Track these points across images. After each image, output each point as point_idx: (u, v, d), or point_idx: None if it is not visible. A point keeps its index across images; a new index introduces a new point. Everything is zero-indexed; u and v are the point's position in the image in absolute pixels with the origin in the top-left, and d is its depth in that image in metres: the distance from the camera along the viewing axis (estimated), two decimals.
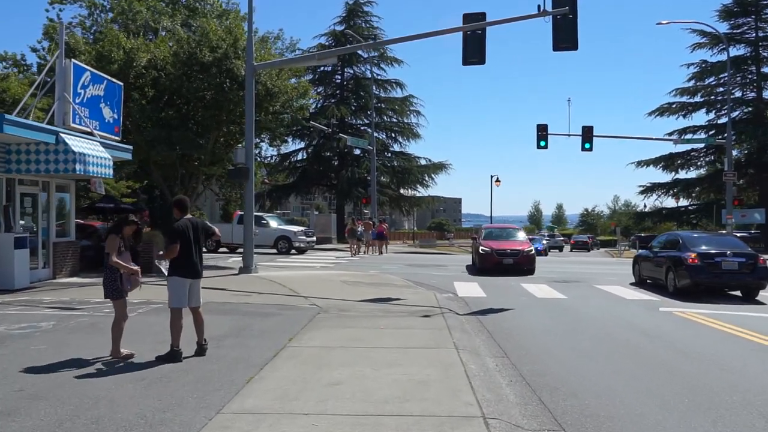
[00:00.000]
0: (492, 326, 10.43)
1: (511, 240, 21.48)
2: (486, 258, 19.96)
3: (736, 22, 45.14)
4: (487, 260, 19.88)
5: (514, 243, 20.96)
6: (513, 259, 19.79)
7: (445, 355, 7.69)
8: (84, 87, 16.57)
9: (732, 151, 34.04)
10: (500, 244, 20.57)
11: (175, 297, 7.24)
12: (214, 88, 19.62)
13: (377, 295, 13.76)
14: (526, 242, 21.61)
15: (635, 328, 10.42)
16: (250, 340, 8.43)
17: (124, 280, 7.25)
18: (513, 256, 19.87)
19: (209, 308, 11.12)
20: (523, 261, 19.93)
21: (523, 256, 19.99)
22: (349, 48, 30.88)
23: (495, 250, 19.95)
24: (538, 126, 33.27)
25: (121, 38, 20.06)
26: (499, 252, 19.92)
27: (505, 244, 20.66)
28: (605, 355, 8.27)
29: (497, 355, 8.18)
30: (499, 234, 22.17)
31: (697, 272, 15.02)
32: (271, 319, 10.27)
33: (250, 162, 18.20)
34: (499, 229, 23.32)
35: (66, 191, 16.58)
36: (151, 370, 6.75)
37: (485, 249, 20.12)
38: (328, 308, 11.62)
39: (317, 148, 50.61)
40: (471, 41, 16.22)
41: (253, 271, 17.87)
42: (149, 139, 19.65)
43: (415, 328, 9.63)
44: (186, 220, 7.33)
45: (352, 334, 8.98)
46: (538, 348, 8.72)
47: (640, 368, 7.48)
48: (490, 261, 19.81)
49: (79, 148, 14.17)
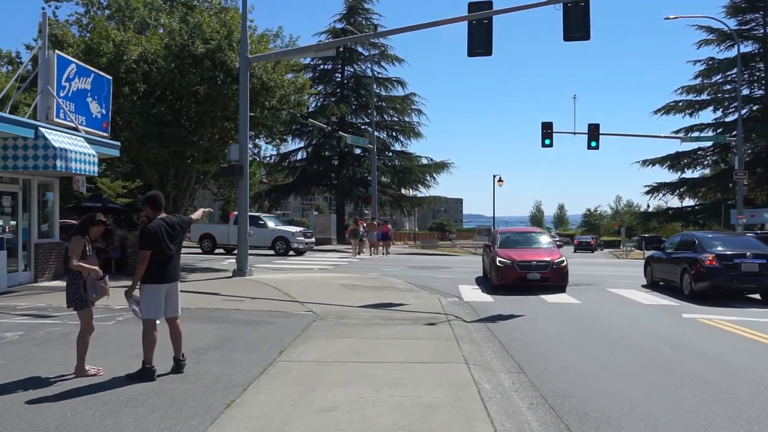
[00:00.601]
0: (503, 335, 9.54)
1: (535, 248, 17.11)
2: (505, 272, 15.57)
3: (743, 18, 44.18)
4: (507, 275, 15.53)
5: (540, 252, 16.53)
6: (540, 274, 15.39)
7: (454, 371, 6.81)
8: (69, 80, 15.70)
9: (742, 150, 33.10)
10: (522, 253, 16.16)
11: (148, 306, 6.35)
12: (208, 82, 18.74)
13: (378, 299, 12.88)
14: (554, 250, 16.91)
15: (661, 337, 9.52)
16: (236, 354, 7.54)
17: (89, 287, 6.37)
18: (540, 269, 15.47)
19: (195, 315, 10.29)
20: (554, 276, 15.50)
21: (553, 270, 15.50)
22: (349, 39, 30.04)
23: (517, 263, 15.47)
24: (543, 124, 32.41)
25: (110, 30, 19.18)
26: (523, 264, 15.49)
27: (528, 253, 16.24)
28: (635, 371, 7.37)
29: (512, 371, 7.29)
30: (519, 240, 17.86)
31: (715, 274, 14.30)
32: (261, 328, 9.39)
33: (245, 159, 17.34)
34: (518, 234, 18.84)
35: (50, 189, 15.71)
36: (117, 391, 5.87)
37: (504, 261, 15.65)
38: (325, 315, 10.75)
39: (317, 148, 49.77)
40: (477, 31, 15.35)
41: (247, 273, 17.01)
42: (139, 135, 18.77)
43: (419, 339, 8.75)
44: (159, 221, 6.44)
45: (350, 346, 8.10)
46: (557, 362, 7.83)
47: (680, 389, 6.58)
48: (511, 276, 15.47)
49: (61, 144, 13.29)
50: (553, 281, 15.55)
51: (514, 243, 17.44)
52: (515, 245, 17.17)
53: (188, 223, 6.76)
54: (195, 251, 29.58)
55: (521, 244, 17.48)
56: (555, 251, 16.73)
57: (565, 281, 15.80)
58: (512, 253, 16.12)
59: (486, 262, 18.12)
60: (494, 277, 16.03)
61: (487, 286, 16.39)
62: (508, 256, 15.87)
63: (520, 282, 15.44)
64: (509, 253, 16.05)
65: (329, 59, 50.91)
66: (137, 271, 6.30)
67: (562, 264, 15.80)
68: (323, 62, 51.11)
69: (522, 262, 15.54)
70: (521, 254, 16.06)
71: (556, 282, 15.58)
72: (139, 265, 6.28)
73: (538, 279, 15.42)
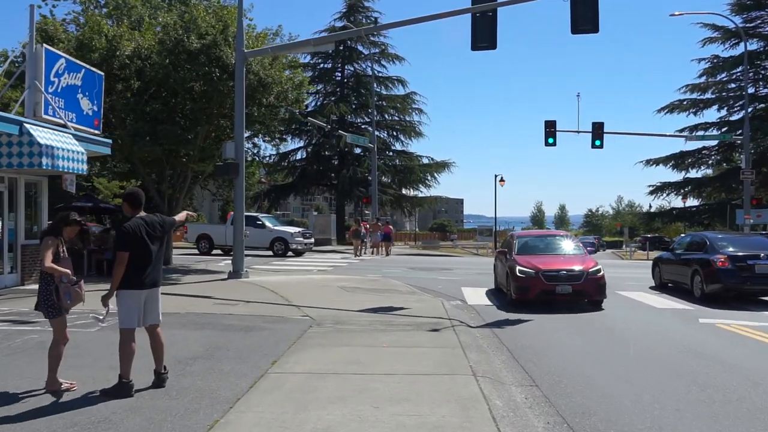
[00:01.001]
0: (511, 343, 8.97)
1: (562, 254, 14.21)
2: (528, 285, 12.61)
3: (749, 16, 43.56)
4: (530, 288, 12.60)
5: (569, 259, 13.55)
6: (572, 286, 12.41)
7: (461, 384, 6.23)
8: (58, 75, 15.13)
9: (749, 148, 32.51)
10: (548, 261, 13.27)
11: (125, 315, 5.77)
12: (203, 79, 18.16)
13: (378, 303, 12.31)
14: (585, 257, 13.78)
15: (681, 345, 8.93)
16: (225, 364, 6.97)
17: (62, 293, 5.81)
18: (572, 280, 12.48)
19: (185, 321, 9.73)
20: (589, 288, 12.58)
21: (588, 281, 12.52)
22: (348, 33, 29.53)
23: (543, 273, 12.56)
24: (546, 123, 31.89)
25: (102, 25, 18.60)
26: (550, 275, 12.55)
27: (555, 261, 13.35)
28: (659, 384, 6.77)
29: (524, 384, 6.72)
30: (542, 245, 14.87)
31: (728, 276, 13.83)
32: (254, 335, 8.81)
33: (240, 157, 16.77)
34: (539, 238, 15.63)
35: (37, 188, 15.14)
36: (89, 410, 5.30)
37: (526, 270, 12.75)
38: (322, 320, 10.17)
39: (317, 147, 49.22)
40: (481, 24, 14.79)
41: (243, 275, 16.44)
42: (132, 133, 18.20)
43: (423, 347, 8.17)
44: (138, 219, 5.87)
45: (349, 355, 7.52)
46: (572, 373, 7.25)
47: (711, 405, 5.99)
48: (535, 289, 12.56)
49: (47, 141, 12.72)
50: (589, 295, 12.70)
51: (535, 248, 14.45)
52: (537, 251, 14.23)
53: (171, 225, 6.18)
54: (192, 252, 29.02)
55: (544, 249, 14.54)
56: (587, 258, 13.66)
57: (602, 295, 12.77)
58: (535, 260, 13.15)
59: (500, 272, 14.95)
60: (513, 290, 12.86)
61: (503, 301, 13.53)
62: (530, 264, 12.88)
63: (546, 297, 12.59)
64: (531, 261, 13.06)
65: (329, 58, 50.41)
66: (114, 274, 5.73)
67: (599, 273, 12.72)
68: (323, 61, 50.59)
69: (549, 273, 12.57)
70: (547, 262, 13.10)
71: (593, 296, 12.71)
72: (116, 268, 5.71)
73: (569, 293, 12.43)
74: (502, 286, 14.62)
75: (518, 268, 12.92)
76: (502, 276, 14.62)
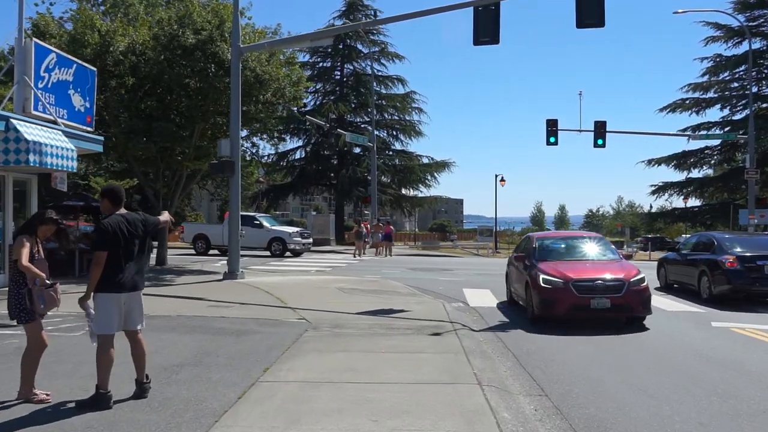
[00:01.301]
0: (517, 348, 8.54)
1: (594, 259, 11.70)
2: (555, 298, 10.26)
3: (752, 15, 43.18)
4: (558, 302, 10.23)
5: (604, 266, 11.14)
6: (611, 299, 10.04)
7: (466, 395, 5.81)
8: (48, 70, 14.70)
9: (753, 148, 32.09)
10: (578, 268, 10.89)
11: (102, 319, 5.34)
12: (198, 75, 17.74)
13: (377, 305, 11.88)
14: (624, 264, 11.53)
15: (697, 351, 8.50)
16: (214, 372, 6.54)
17: (35, 296, 5.38)
18: (610, 292, 10.13)
19: (175, 324, 9.31)
20: (632, 302, 10.23)
21: (631, 293, 10.20)
22: (347, 27, 29.19)
23: (574, 283, 10.20)
24: (548, 121, 31.49)
25: (95, 20, 18.17)
26: (584, 285, 10.19)
27: (587, 268, 10.95)
28: (678, 394, 6.34)
29: (533, 393, 6.29)
30: (568, 248, 12.32)
31: (737, 277, 13.52)
32: (246, 339, 8.38)
33: (236, 154, 16.35)
34: (563, 240, 13.04)
35: (26, 186, 14.72)
36: (62, 424, 4.87)
37: (552, 280, 10.40)
38: (319, 323, 9.74)
39: (316, 147, 48.82)
40: (483, 18, 14.40)
41: (239, 276, 16.03)
42: (126, 130, 17.77)
43: (424, 352, 7.74)
44: (118, 217, 5.44)
45: (346, 362, 7.10)
46: (582, 380, 6.83)
47: (737, 419, 5.55)
48: (564, 303, 10.18)
49: (35, 137, 12.28)
50: (631, 310, 10.32)
51: (560, 253, 12.01)
52: (563, 256, 11.84)
53: (154, 224, 5.73)
54: (189, 252, 28.59)
55: (572, 254, 12.03)
56: (626, 265, 11.45)
57: (646, 310, 10.44)
58: (563, 268, 10.82)
59: (516, 282, 12.52)
60: (536, 305, 10.47)
61: (520, 317, 11.11)
62: (558, 272, 10.55)
63: (578, 313, 10.23)
64: (558, 269, 10.74)
65: (328, 57, 50.03)
66: (92, 275, 5.30)
67: (642, 284, 10.43)
68: (322, 60, 50.21)
69: (582, 283, 10.22)
70: (577, 270, 10.75)
71: (636, 310, 10.33)
72: (94, 269, 5.28)
73: (607, 308, 10.05)
74: (519, 298, 12.12)
75: (542, 276, 10.50)
76: (519, 286, 12.08)
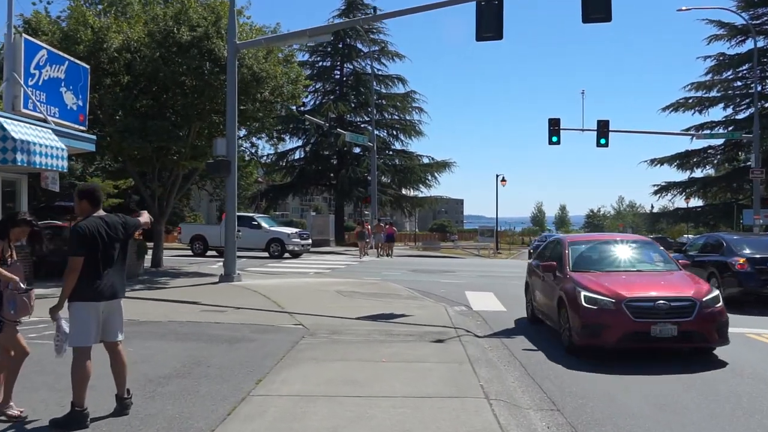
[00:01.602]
0: (524, 355, 8.13)
1: (648, 271, 9.33)
2: (603, 322, 7.89)
3: (755, 13, 42.80)
4: (609, 327, 7.83)
5: (662, 278, 8.90)
6: (678, 325, 7.67)
7: (473, 410, 5.39)
8: (39, 67, 14.28)
9: (759, 147, 31.66)
10: (630, 282, 8.51)
11: (79, 330, 4.92)
12: (194, 73, 17.32)
13: (378, 309, 11.47)
14: (689, 277, 8.95)
15: (714, 360, 8.08)
16: (202, 384, 6.13)
17: (6, 302, 4.99)
18: (677, 315, 7.75)
19: (165, 330, 8.90)
20: (704, 328, 7.85)
21: (703, 317, 7.82)
22: (346, 23, 28.93)
23: (630, 303, 7.86)
24: (550, 120, 31.13)
25: (88, 16, 17.75)
26: (642, 306, 7.85)
27: (640, 283, 8.59)
28: (698, 408, 5.94)
29: (544, 407, 5.88)
30: (609, 255, 9.79)
31: (747, 279, 13.24)
32: (239, 347, 7.97)
33: (232, 154, 15.94)
34: (603, 245, 10.19)
35: (16, 187, 14.30)
36: None
37: (599, 297, 8.04)
38: (316, 329, 9.33)
39: (315, 147, 48.43)
40: (486, 12, 14.01)
41: (235, 279, 15.62)
42: (121, 129, 17.37)
43: (427, 361, 7.32)
44: (96, 219, 5.02)
45: (344, 372, 6.68)
46: (594, 392, 6.42)
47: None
48: (616, 330, 7.80)
49: (23, 135, 11.86)
50: (705, 339, 7.86)
51: (600, 261, 9.49)
52: (604, 265, 9.32)
53: (134, 227, 5.31)
54: (186, 254, 28.19)
55: (615, 263, 9.48)
56: (693, 278, 8.88)
57: (723, 339, 7.92)
58: (609, 282, 8.37)
59: (541, 296, 10.07)
60: (576, 329, 8.00)
61: (551, 344, 8.75)
62: (605, 288, 8.09)
63: (635, 341, 7.78)
64: (604, 283, 8.30)
65: (328, 56, 49.65)
66: (66, 282, 4.88)
67: (718, 304, 8.03)
68: (321, 59, 49.84)
69: (639, 303, 7.79)
70: (629, 285, 8.28)
71: (710, 339, 7.87)
72: (69, 276, 4.86)
73: (674, 336, 7.64)
74: (546, 318, 9.75)
75: (584, 294, 8.05)
76: (546, 303, 9.71)
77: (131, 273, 16.47)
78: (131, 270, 16.55)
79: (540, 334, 9.73)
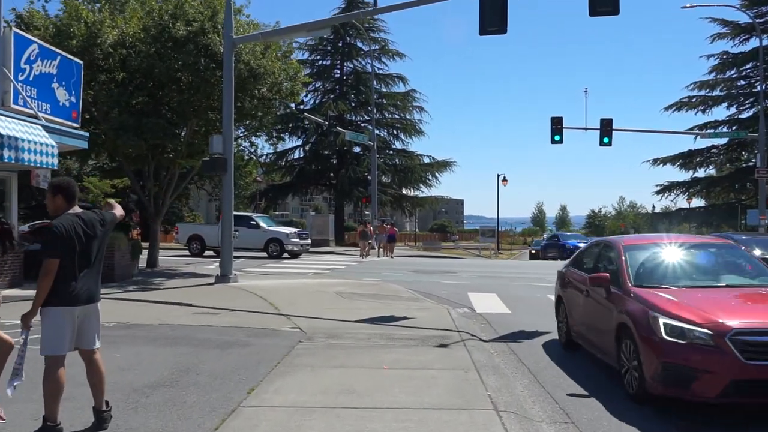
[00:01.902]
0: (533, 361, 7.72)
1: (749, 288, 6.63)
2: (698, 364, 5.29)
3: (760, 11, 42.39)
4: (706, 372, 5.23)
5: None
6: None
7: (481, 424, 4.98)
8: (30, 62, 13.92)
9: (764, 146, 31.23)
10: (732, 306, 5.96)
11: (51, 338, 4.49)
12: (190, 69, 16.91)
13: (378, 311, 11.06)
14: None
15: None
16: (190, 394, 5.71)
17: None
18: None
19: (155, 335, 8.47)
20: None
21: None
22: (345, 16, 28.50)
23: (736, 336, 5.24)
24: (553, 119, 30.66)
25: (81, 10, 17.33)
26: (759, 342, 5.21)
27: (747, 304, 6.10)
28: (724, 424, 5.54)
29: (557, 420, 5.46)
30: (684, 264, 7.19)
31: None
32: (232, 352, 7.55)
33: (228, 151, 15.53)
34: (669, 248, 7.45)
35: (6, 185, 13.92)
36: None
37: (689, 327, 5.46)
38: (314, 333, 8.92)
39: (315, 146, 48.05)
40: (490, 6, 13.56)
41: (231, 280, 15.21)
42: (116, 127, 16.95)
43: (430, 368, 6.91)
44: (71, 217, 4.60)
45: (343, 381, 6.27)
46: (612, 402, 5.99)
47: None
48: (721, 375, 5.17)
49: (10, 131, 11.48)
50: None
51: (675, 274, 7.02)
52: (680, 279, 6.87)
53: (111, 222, 4.88)
54: (183, 254, 27.78)
55: (695, 276, 7.03)
56: None
57: None
58: (698, 303, 5.91)
59: (585, 318, 7.72)
60: (652, 374, 5.59)
61: (608, 386, 6.55)
62: (694, 314, 5.62)
63: (747, 395, 5.26)
64: (691, 305, 5.85)
65: (328, 55, 49.27)
66: (40, 286, 4.44)
67: None
68: (321, 57, 49.46)
69: (752, 337, 5.31)
70: (730, 308, 5.86)
71: None
72: (43, 280, 4.42)
73: None
74: (594, 348, 7.39)
75: (663, 321, 5.65)
76: (595, 328, 7.32)
77: (125, 274, 16.05)
78: (125, 270, 16.13)
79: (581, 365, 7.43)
